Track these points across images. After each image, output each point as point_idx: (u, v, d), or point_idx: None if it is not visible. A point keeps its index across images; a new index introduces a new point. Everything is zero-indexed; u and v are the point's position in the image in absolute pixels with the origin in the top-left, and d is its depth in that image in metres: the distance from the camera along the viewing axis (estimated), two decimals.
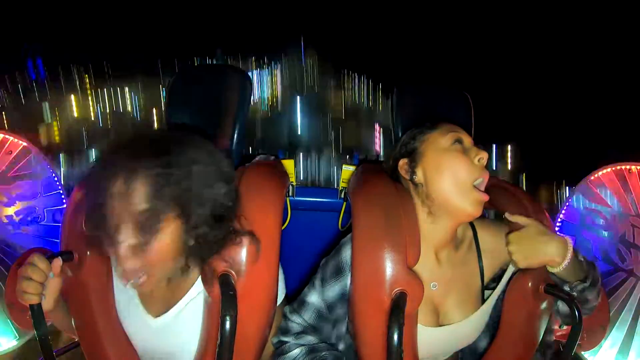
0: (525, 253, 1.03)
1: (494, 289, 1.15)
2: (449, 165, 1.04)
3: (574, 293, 1.05)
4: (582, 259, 1.07)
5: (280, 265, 1.10)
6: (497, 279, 1.18)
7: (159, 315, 1.06)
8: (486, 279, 1.16)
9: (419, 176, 1.08)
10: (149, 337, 1.08)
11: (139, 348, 1.12)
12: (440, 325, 1.09)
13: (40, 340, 1.04)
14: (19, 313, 1.64)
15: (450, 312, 1.11)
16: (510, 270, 1.14)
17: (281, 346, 1.12)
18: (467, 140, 1.09)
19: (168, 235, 0.92)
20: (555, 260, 1.02)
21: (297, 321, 1.13)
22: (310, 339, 1.12)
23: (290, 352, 1.09)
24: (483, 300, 1.15)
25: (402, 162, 1.12)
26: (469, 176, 1.03)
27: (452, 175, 1.04)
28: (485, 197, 1.04)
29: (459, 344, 1.16)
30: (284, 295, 1.16)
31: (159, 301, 1.07)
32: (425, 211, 1.08)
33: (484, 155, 1.05)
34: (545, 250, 1.02)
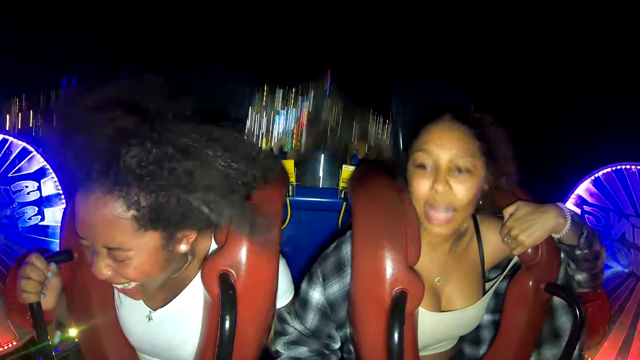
0: (529, 231, 1.03)
1: (495, 279, 1.16)
2: (410, 182, 1.05)
3: (586, 251, 1.06)
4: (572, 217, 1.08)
5: (285, 264, 1.11)
6: (500, 268, 1.18)
7: (158, 308, 1.06)
8: (486, 267, 1.17)
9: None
10: (147, 330, 1.08)
11: (138, 343, 1.12)
12: (443, 311, 1.10)
13: (40, 339, 1.04)
14: (19, 314, 1.64)
15: (452, 300, 1.12)
16: (515, 259, 1.15)
17: (276, 357, 1.12)
18: (444, 160, 1.01)
19: (145, 252, 0.86)
20: (560, 222, 1.03)
21: (296, 327, 1.12)
22: (302, 350, 1.12)
23: None
24: (484, 289, 1.15)
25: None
26: (421, 198, 1.03)
27: (412, 190, 1.05)
28: (436, 221, 1.02)
29: (460, 330, 1.16)
30: (293, 293, 1.16)
31: (159, 295, 1.07)
32: None
33: (438, 188, 1.00)
34: (546, 218, 1.03)
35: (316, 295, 1.11)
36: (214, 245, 1.06)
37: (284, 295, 1.13)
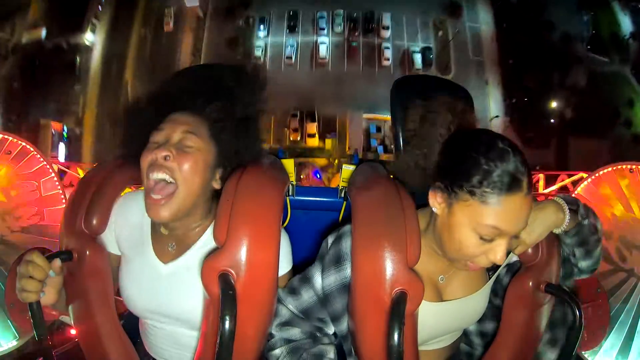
0: (529, 229, 1.02)
1: (496, 269, 1.16)
2: (461, 240, 0.98)
3: (589, 221, 1.08)
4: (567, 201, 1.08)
5: (287, 238, 1.15)
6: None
7: (169, 262, 1.12)
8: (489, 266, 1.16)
9: (439, 215, 1.01)
10: (157, 285, 1.11)
11: (146, 301, 1.13)
12: (445, 301, 1.11)
13: (39, 339, 1.04)
14: (19, 313, 1.64)
15: (454, 291, 1.12)
16: (512, 255, 1.15)
17: (269, 339, 1.13)
18: (510, 234, 0.95)
19: (203, 154, 1.08)
20: (559, 217, 1.04)
21: (289, 306, 1.13)
22: (294, 332, 1.13)
23: (274, 349, 1.11)
24: (487, 281, 1.15)
25: (437, 192, 1.00)
26: (469, 257, 0.99)
27: (457, 248, 0.99)
28: (474, 269, 1.02)
29: (462, 321, 1.16)
30: (290, 267, 1.18)
31: (171, 250, 1.14)
32: (429, 233, 1.07)
33: (496, 258, 0.95)
34: (545, 214, 1.04)
35: (318, 280, 1.12)
36: (211, 242, 1.07)
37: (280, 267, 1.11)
